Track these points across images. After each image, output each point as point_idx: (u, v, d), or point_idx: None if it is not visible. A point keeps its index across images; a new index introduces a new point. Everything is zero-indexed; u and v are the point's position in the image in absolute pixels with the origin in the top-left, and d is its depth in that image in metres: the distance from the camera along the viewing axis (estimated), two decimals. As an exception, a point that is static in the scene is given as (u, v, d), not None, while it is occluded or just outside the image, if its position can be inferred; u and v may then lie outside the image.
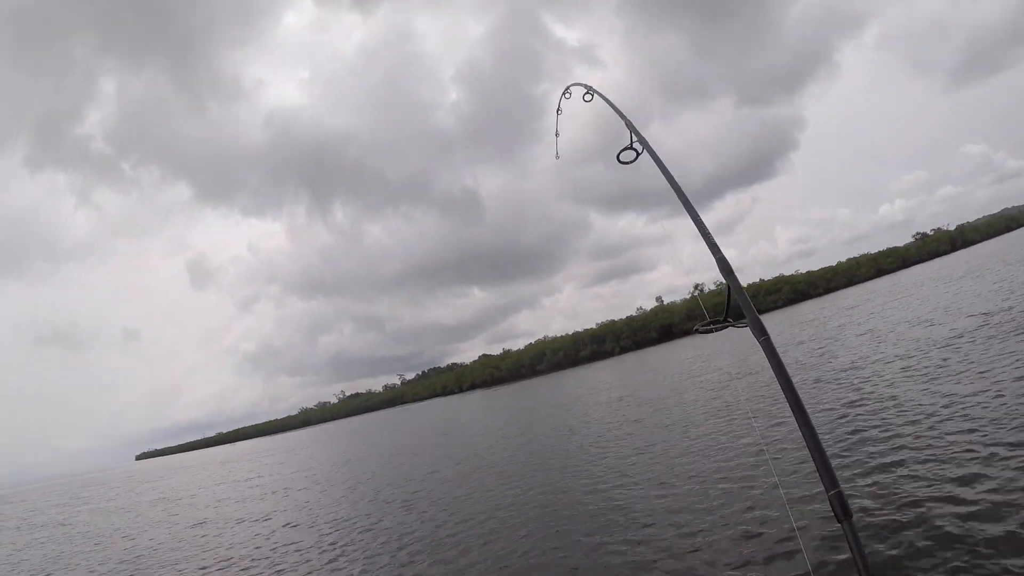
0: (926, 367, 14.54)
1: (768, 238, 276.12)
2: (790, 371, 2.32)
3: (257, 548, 13.32)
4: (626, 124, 4.15)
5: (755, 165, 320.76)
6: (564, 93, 5.68)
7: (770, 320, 67.81)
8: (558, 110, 5.99)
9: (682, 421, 17.03)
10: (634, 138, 3.99)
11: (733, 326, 3.14)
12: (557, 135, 6.41)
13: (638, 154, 4.01)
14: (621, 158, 4.03)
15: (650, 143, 3.84)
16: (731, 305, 3.13)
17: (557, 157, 6.69)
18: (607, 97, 4.69)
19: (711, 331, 3.29)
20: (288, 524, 15.51)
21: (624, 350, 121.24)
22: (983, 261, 49.05)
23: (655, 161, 3.84)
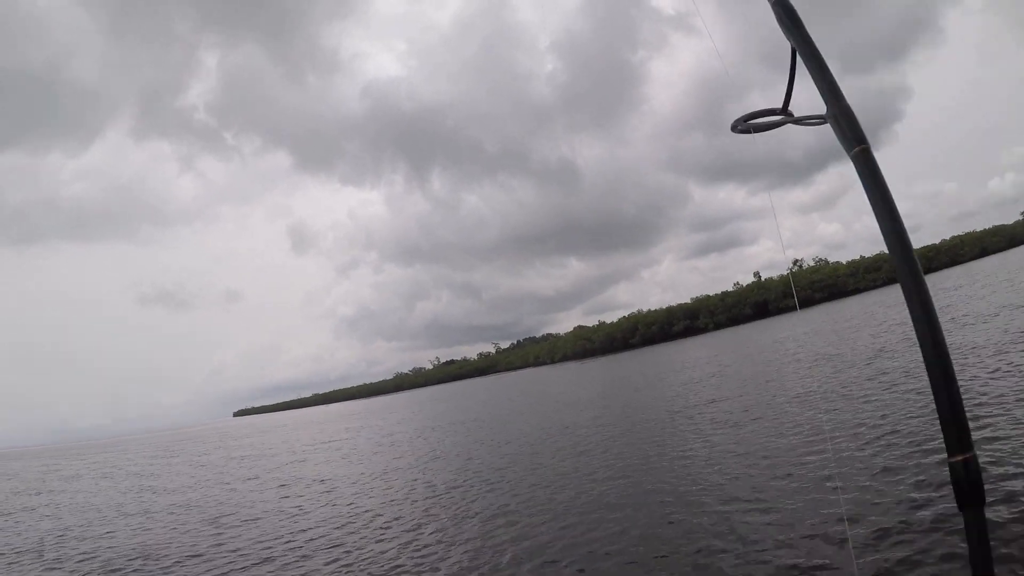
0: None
1: (872, 213, 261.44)
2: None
3: (330, 508, 13.72)
4: None
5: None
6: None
7: (867, 300, 67.18)
8: None
9: (761, 406, 16.71)
10: None
11: (795, 122, 2.19)
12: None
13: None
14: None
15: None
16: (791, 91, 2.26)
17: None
18: None
19: (754, 131, 2.19)
20: (366, 489, 15.79)
21: (718, 326, 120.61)
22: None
23: None
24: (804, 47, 2.00)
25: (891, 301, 49.29)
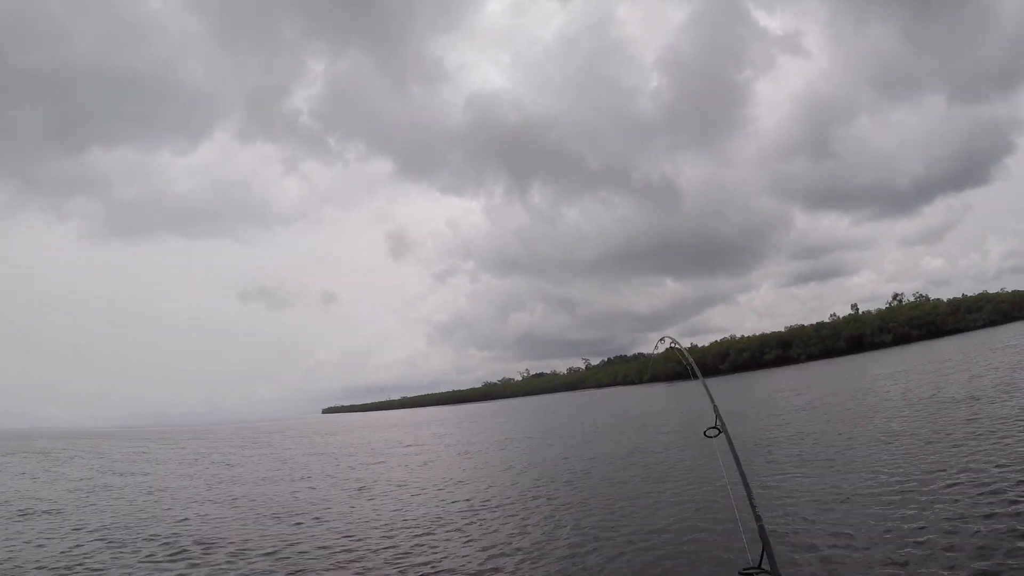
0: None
1: (979, 249, 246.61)
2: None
3: (400, 516, 14.32)
4: (713, 408, 5.30)
5: (968, 169, 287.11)
6: (660, 341, 7.04)
7: (966, 341, 65.85)
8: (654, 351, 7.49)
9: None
10: (717, 420, 5.06)
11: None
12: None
13: (719, 432, 4.97)
14: (707, 434, 5.06)
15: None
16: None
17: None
18: (688, 357, 6.39)
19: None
20: (439, 496, 16.59)
21: (811, 357, 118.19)
22: None
23: (728, 443, 4.78)
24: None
25: (993, 343, 48.71)
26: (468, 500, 15.67)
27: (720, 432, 4.94)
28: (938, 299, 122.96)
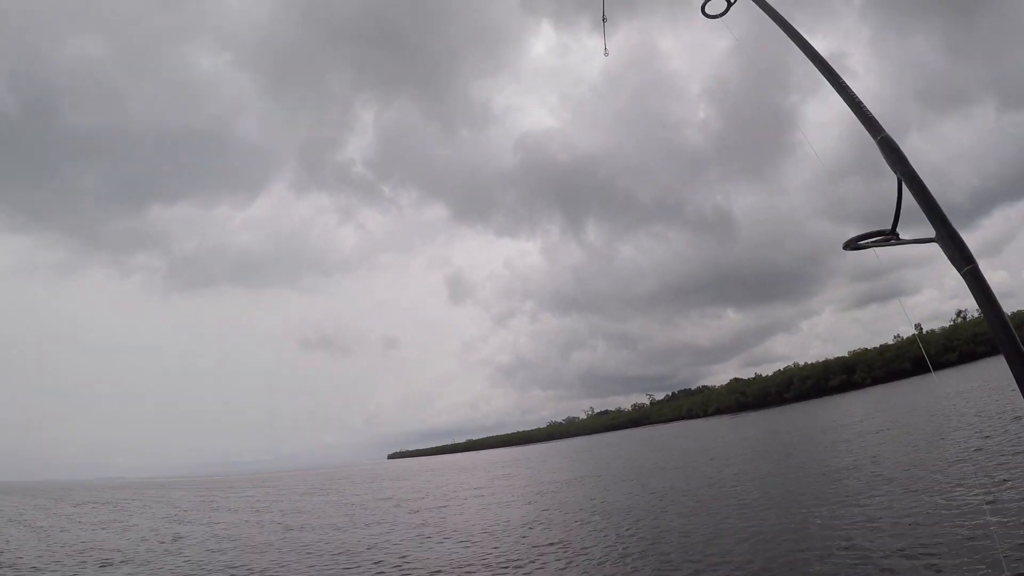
0: None
1: None
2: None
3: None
4: None
5: None
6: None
7: None
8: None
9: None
10: None
11: (902, 242, 2.66)
12: (605, 20, 6.28)
13: (730, 5, 3.84)
14: (707, 10, 3.86)
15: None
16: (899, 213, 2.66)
17: (606, 54, 6.70)
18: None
19: (863, 247, 2.77)
20: (497, 543, 17.00)
21: (876, 381, 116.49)
22: None
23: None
24: (909, 179, 2.47)
25: None
26: (531, 542, 15.97)
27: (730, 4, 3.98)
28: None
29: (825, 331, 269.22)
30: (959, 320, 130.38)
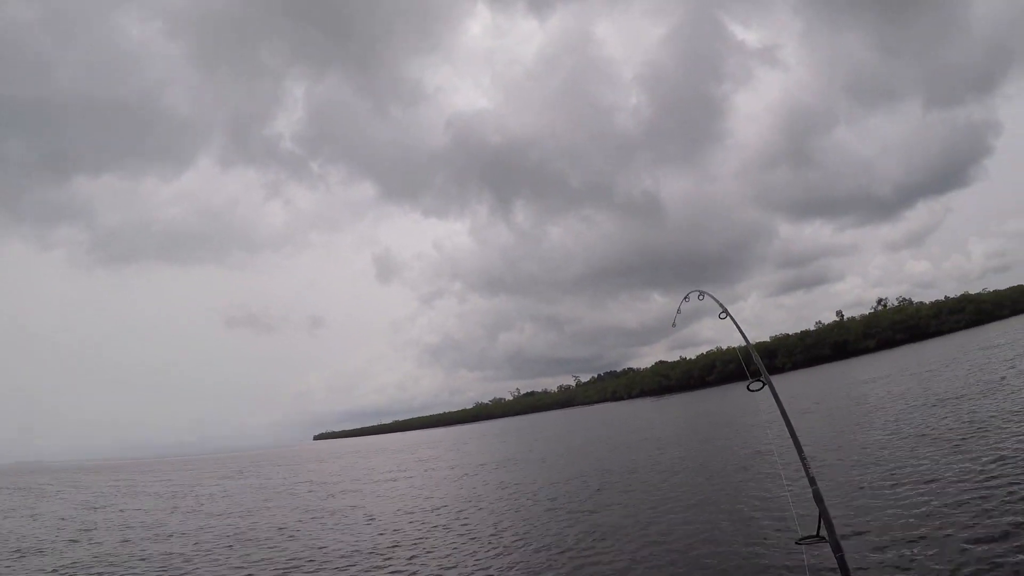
0: None
1: (962, 251, 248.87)
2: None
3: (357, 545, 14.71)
4: (753, 357, 4.87)
5: (947, 172, 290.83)
6: (686, 298, 6.28)
7: (949, 342, 66.63)
8: (678, 311, 6.54)
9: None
10: (760, 372, 4.64)
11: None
12: (674, 325, 6.80)
13: (763, 384, 4.59)
14: (750, 387, 4.64)
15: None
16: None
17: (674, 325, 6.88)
18: (737, 321, 5.53)
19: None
20: (405, 526, 16.96)
21: (796, 366, 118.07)
22: None
23: (773, 395, 4.51)
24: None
25: (972, 345, 49.28)
26: (434, 525, 16.08)
27: (764, 385, 4.60)
28: (920, 302, 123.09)
29: (751, 316, 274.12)
30: (879, 308, 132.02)
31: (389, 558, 12.69)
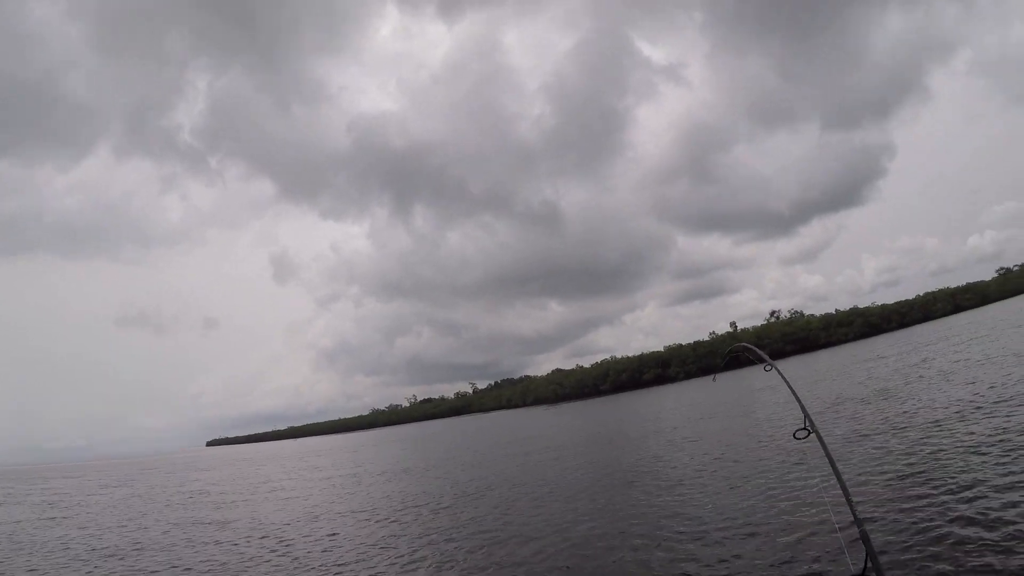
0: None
1: (855, 266, 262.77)
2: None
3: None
4: (801, 408, 5.06)
5: (842, 191, 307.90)
6: (731, 353, 6.42)
7: (837, 353, 66.67)
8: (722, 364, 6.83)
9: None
10: (807, 422, 4.82)
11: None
12: (714, 379, 6.91)
13: (809, 433, 4.76)
14: (796, 436, 4.85)
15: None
16: None
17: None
18: (785, 376, 5.73)
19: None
20: (289, 538, 15.83)
21: (689, 375, 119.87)
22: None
23: (822, 445, 4.56)
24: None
25: (861, 356, 50.20)
26: (313, 536, 15.23)
27: (810, 433, 4.86)
28: (811, 315, 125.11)
29: (648, 325, 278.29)
30: (772, 319, 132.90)
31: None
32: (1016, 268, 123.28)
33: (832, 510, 7.20)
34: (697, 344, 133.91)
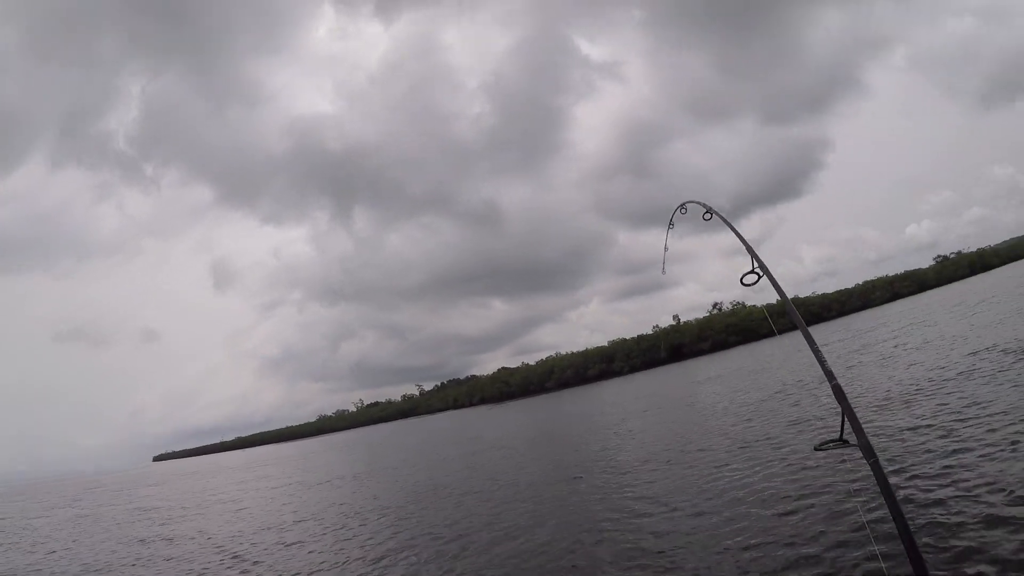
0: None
1: (794, 257, 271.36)
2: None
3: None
4: (747, 250, 4.88)
5: (781, 184, 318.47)
6: (680, 209, 6.07)
7: (777, 343, 67.59)
8: (670, 225, 6.34)
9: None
10: (755, 264, 4.70)
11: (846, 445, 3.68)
12: (666, 249, 6.63)
13: (759, 277, 4.70)
14: (744, 281, 4.76)
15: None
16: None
17: (664, 273, 6.86)
18: (725, 217, 5.38)
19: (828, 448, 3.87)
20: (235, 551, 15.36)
21: (633, 369, 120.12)
22: (995, 289, 46.86)
23: (773, 284, 4.60)
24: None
25: (803, 345, 49.96)
26: (264, 545, 14.93)
27: (760, 277, 4.79)
28: (753, 306, 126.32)
29: (592, 322, 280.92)
30: (714, 311, 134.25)
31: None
32: (953, 255, 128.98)
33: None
34: (640, 338, 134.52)
